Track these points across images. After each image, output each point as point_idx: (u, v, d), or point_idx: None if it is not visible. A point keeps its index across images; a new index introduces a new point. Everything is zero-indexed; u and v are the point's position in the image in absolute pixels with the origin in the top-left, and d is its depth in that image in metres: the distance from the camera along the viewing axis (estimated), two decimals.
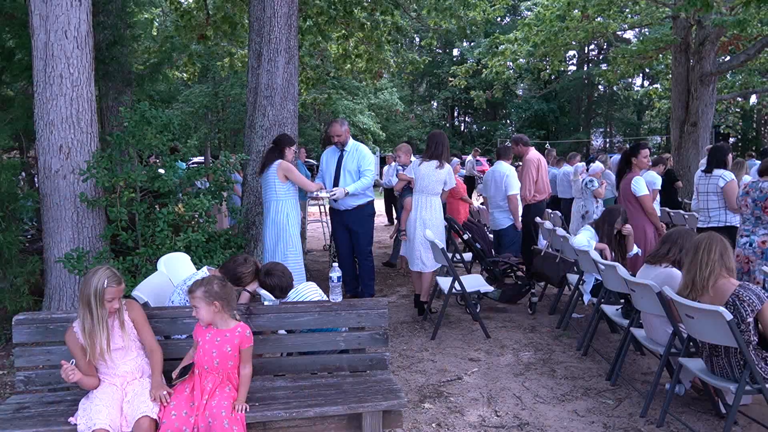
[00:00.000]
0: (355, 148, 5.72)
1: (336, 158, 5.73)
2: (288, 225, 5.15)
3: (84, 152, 4.73)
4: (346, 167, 5.65)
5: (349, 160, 5.66)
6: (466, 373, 4.24)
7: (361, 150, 5.72)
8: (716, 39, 11.72)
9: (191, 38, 11.51)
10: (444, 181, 5.54)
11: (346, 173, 5.66)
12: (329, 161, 5.80)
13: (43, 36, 4.55)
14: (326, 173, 5.78)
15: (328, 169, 5.77)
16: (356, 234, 5.74)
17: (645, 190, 5.47)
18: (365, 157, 5.67)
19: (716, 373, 3.15)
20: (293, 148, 5.33)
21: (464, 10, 10.84)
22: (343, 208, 5.70)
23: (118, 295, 2.69)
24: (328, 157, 5.84)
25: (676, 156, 11.96)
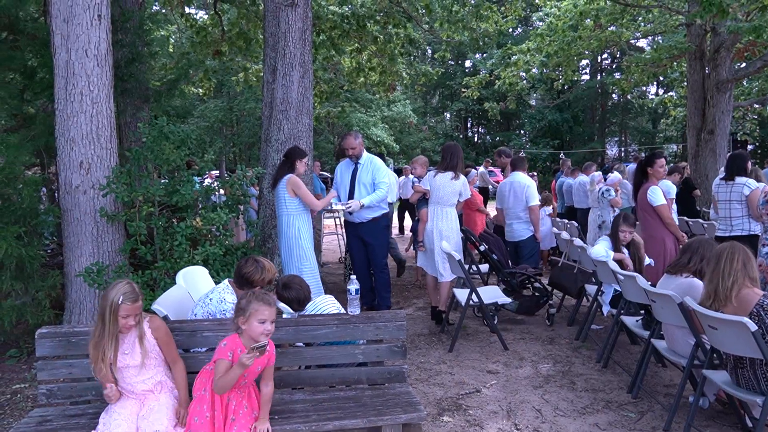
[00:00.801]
0: (369, 160, 5.71)
1: (350, 171, 5.70)
2: (300, 239, 5.14)
3: (104, 168, 4.80)
4: (360, 180, 5.63)
5: (364, 172, 5.64)
6: (485, 386, 4.21)
7: (375, 162, 5.70)
8: (731, 46, 11.63)
9: (207, 54, 11.69)
10: (459, 192, 5.54)
11: (361, 186, 5.64)
12: (343, 174, 5.77)
13: (65, 55, 4.65)
14: (341, 186, 5.76)
15: (343, 181, 5.75)
16: (371, 246, 5.71)
17: (662, 199, 5.40)
18: (379, 170, 5.65)
19: (742, 385, 3.09)
20: (305, 160, 5.29)
21: (476, 22, 10.89)
22: (358, 220, 5.67)
23: (133, 312, 2.64)
24: (342, 170, 5.81)
25: (693, 164, 11.85)
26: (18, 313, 4.63)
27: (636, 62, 14.33)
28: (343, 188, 5.74)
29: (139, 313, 2.70)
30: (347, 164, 5.79)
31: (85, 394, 2.89)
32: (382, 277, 5.79)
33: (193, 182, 5.01)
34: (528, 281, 5.89)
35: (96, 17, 4.70)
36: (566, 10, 13.26)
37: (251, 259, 3.40)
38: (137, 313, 2.67)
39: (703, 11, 6.25)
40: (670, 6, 12.65)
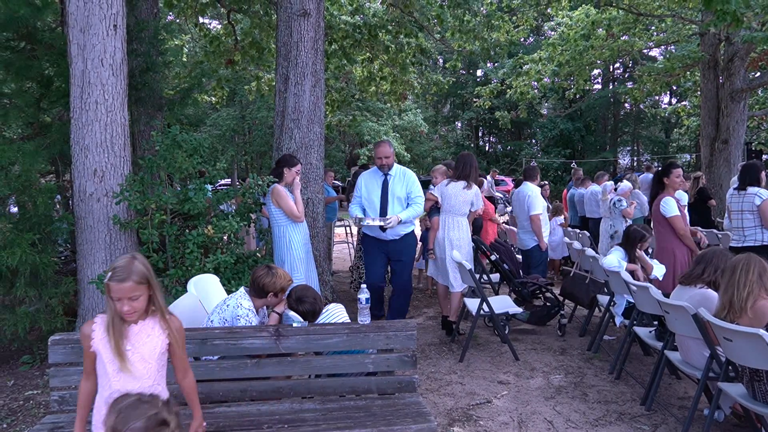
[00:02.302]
0: (402, 172, 5.28)
1: (379, 183, 5.22)
2: (292, 249, 5.04)
3: (117, 176, 4.84)
4: (394, 193, 5.19)
5: (397, 185, 5.20)
6: (496, 397, 4.17)
7: (409, 174, 5.27)
8: (746, 55, 11.56)
9: (220, 63, 11.81)
10: (471, 202, 5.52)
11: (395, 200, 5.19)
12: (370, 186, 5.27)
13: (81, 64, 4.71)
14: (369, 200, 5.25)
15: (371, 194, 5.23)
16: (401, 264, 5.34)
17: (675, 211, 5.32)
18: (415, 183, 5.24)
19: (758, 398, 3.03)
20: (294, 169, 5.12)
21: (488, 32, 10.91)
22: (389, 237, 5.22)
23: (124, 295, 2.18)
24: (367, 181, 5.30)
25: (707, 174, 11.75)
26: (31, 319, 4.67)
27: (649, 71, 14.28)
28: (372, 202, 5.22)
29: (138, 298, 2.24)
30: (373, 175, 5.30)
31: None
32: (406, 295, 5.44)
33: (206, 190, 5.03)
34: (539, 291, 5.85)
35: (112, 27, 4.76)
36: (578, 20, 13.27)
37: (264, 266, 3.44)
38: (131, 297, 2.21)
39: (717, 20, 6.20)
40: (684, 15, 12.60)
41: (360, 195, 5.32)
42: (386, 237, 5.22)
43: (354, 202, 5.38)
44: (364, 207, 5.28)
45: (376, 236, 5.28)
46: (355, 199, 5.36)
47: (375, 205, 5.21)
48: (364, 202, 5.28)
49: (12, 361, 4.88)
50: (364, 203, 5.27)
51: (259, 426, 2.75)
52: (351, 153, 28.77)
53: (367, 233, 5.40)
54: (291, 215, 5.03)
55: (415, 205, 5.21)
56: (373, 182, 5.27)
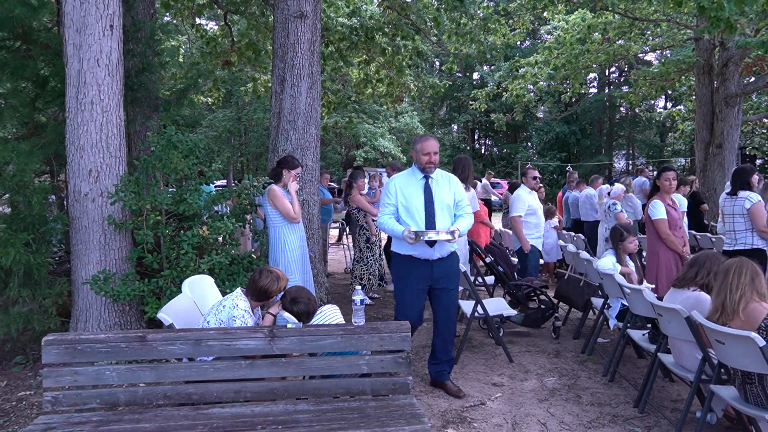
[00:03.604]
0: (445, 176, 4.27)
1: (420, 188, 4.11)
2: (286, 251, 5.02)
3: (112, 176, 4.84)
4: (441, 200, 4.10)
5: (443, 190, 4.13)
6: (490, 399, 4.18)
7: (453, 178, 4.29)
8: (740, 60, 11.63)
9: (216, 64, 11.81)
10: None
11: (444, 209, 4.10)
12: (409, 191, 4.11)
13: (77, 64, 4.70)
14: (409, 208, 4.07)
15: (412, 201, 4.07)
16: (447, 292, 4.20)
17: (660, 214, 5.37)
18: (460, 188, 4.30)
19: (750, 401, 3.05)
20: (294, 171, 5.10)
21: (484, 35, 10.95)
22: (436, 256, 4.08)
23: None
24: (403, 185, 4.14)
25: (701, 178, 11.81)
26: (25, 320, 4.66)
27: (644, 76, 14.36)
28: (412, 211, 4.06)
29: None
30: (410, 177, 4.19)
31: (90, 402, 2.90)
32: (451, 332, 4.31)
33: (201, 191, 5.03)
34: (534, 294, 5.87)
35: (108, 27, 4.76)
36: (574, 24, 13.33)
37: (264, 271, 3.46)
38: None
39: (711, 26, 6.25)
40: (679, 20, 12.68)
41: (394, 203, 4.12)
42: (432, 255, 4.07)
43: (385, 212, 4.15)
44: (400, 217, 4.10)
45: (418, 256, 4.07)
46: (386, 207, 4.15)
47: (417, 215, 4.04)
48: (401, 211, 4.09)
49: (5, 361, 4.86)
50: (401, 213, 4.09)
51: (253, 427, 2.75)
52: (347, 155, 28.79)
53: (400, 252, 4.17)
54: (287, 216, 5.02)
55: (467, 216, 4.20)
56: (412, 186, 4.11)
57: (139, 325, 4.96)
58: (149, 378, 2.94)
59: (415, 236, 3.90)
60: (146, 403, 2.95)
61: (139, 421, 2.82)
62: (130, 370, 2.93)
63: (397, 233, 4.04)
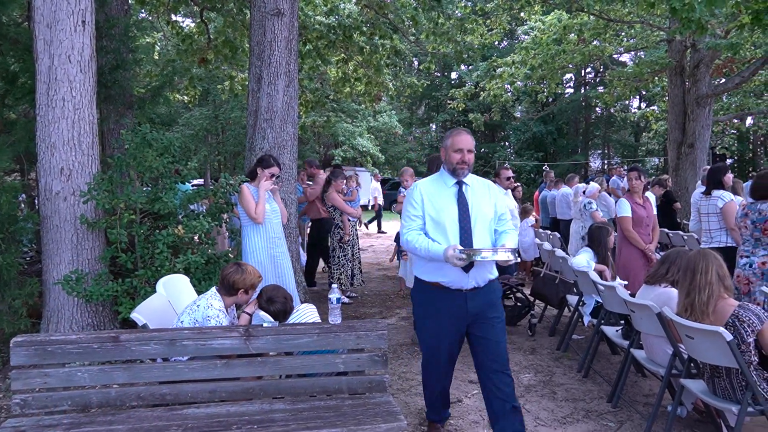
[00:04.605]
0: (483, 183, 3.40)
1: (452, 197, 3.24)
2: (255, 252, 4.84)
3: (85, 174, 4.75)
4: (480, 210, 3.23)
5: (481, 200, 3.26)
6: (466, 396, 4.21)
7: (492, 185, 3.43)
8: (711, 62, 11.89)
9: (192, 62, 11.67)
10: None
11: (483, 223, 3.22)
12: (438, 200, 3.24)
13: (47, 60, 4.61)
14: (439, 222, 3.19)
15: (442, 213, 3.19)
16: (491, 322, 3.24)
17: (625, 212, 5.55)
18: (501, 197, 3.48)
19: (718, 394, 3.13)
20: (268, 170, 4.90)
21: (462, 35, 11.01)
22: (471, 285, 3.16)
23: None
24: (430, 193, 3.28)
25: (673, 177, 12.04)
26: None
27: (619, 76, 14.59)
28: (443, 225, 3.17)
29: None
30: (438, 183, 3.32)
31: (61, 404, 2.85)
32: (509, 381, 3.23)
33: (176, 190, 4.97)
34: (510, 291, 5.92)
35: (80, 23, 4.68)
36: (551, 25, 13.49)
37: (234, 264, 3.44)
38: None
39: (683, 28, 6.39)
40: (652, 22, 12.91)
41: (420, 214, 3.25)
42: (465, 284, 3.15)
43: (411, 226, 3.26)
44: (427, 234, 3.22)
45: (447, 284, 3.16)
46: (411, 221, 3.27)
47: (450, 231, 3.16)
48: (429, 226, 3.22)
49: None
50: (429, 228, 3.22)
51: (228, 427, 2.73)
52: (325, 154, 28.70)
53: (424, 279, 3.27)
54: (249, 215, 4.83)
55: (512, 231, 3.32)
56: (442, 195, 3.25)
57: (113, 326, 4.89)
58: (122, 379, 2.90)
59: (466, 256, 2.95)
60: (119, 404, 2.91)
61: (111, 422, 2.78)
62: (103, 371, 2.89)
63: (434, 253, 3.06)
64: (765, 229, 4.70)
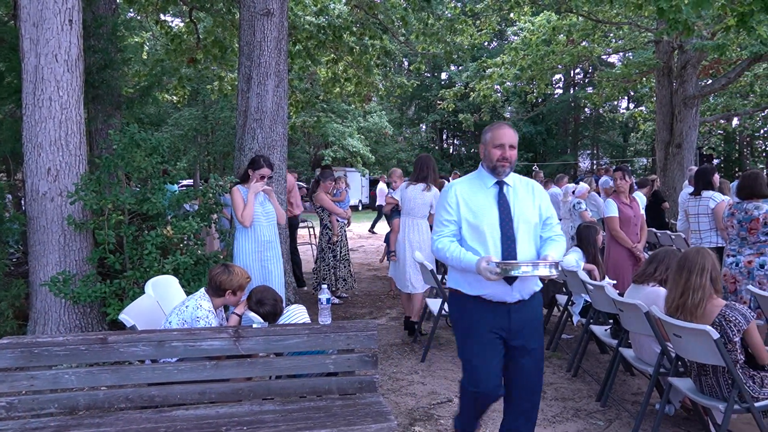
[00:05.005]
0: (526, 183, 3.01)
1: (492, 198, 2.89)
2: (242, 254, 4.69)
3: (72, 175, 4.72)
4: (522, 214, 2.88)
5: (524, 203, 2.91)
6: (457, 395, 4.21)
7: (537, 186, 3.04)
8: (697, 63, 12.01)
9: (181, 62, 11.60)
10: (430, 204, 5.55)
11: (528, 229, 2.89)
12: (477, 203, 2.88)
13: (34, 59, 4.57)
14: (476, 227, 2.84)
15: (481, 217, 2.84)
16: (529, 353, 2.90)
17: (611, 212, 5.57)
18: (547, 199, 3.05)
19: (705, 392, 3.16)
20: (258, 171, 4.72)
21: (451, 36, 11.03)
22: (515, 298, 2.84)
23: None
24: (467, 195, 2.91)
25: (661, 177, 12.14)
26: None
27: (607, 77, 14.69)
28: (487, 231, 2.82)
29: None
30: (476, 183, 2.96)
31: (48, 407, 2.82)
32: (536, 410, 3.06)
33: (165, 190, 4.94)
34: None
35: (67, 22, 4.64)
36: (540, 25, 13.55)
37: (221, 265, 3.43)
38: None
39: (670, 29, 6.45)
40: (640, 23, 13.02)
41: (455, 219, 2.90)
42: (509, 297, 2.84)
43: (443, 232, 2.91)
44: (464, 241, 2.88)
45: (488, 297, 2.84)
46: (444, 226, 2.92)
47: (490, 237, 2.81)
48: (465, 232, 2.87)
49: None
50: (466, 234, 2.87)
51: (218, 428, 2.71)
52: (315, 154, 28.66)
53: (462, 291, 2.92)
54: (236, 218, 4.71)
55: (559, 239, 2.97)
56: (480, 196, 2.90)
57: (101, 328, 4.85)
58: (110, 381, 2.88)
59: (500, 271, 2.61)
60: (107, 406, 2.89)
61: (99, 425, 2.75)
62: (91, 373, 2.86)
63: (466, 264, 2.75)
64: (751, 228, 4.75)
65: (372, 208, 24.41)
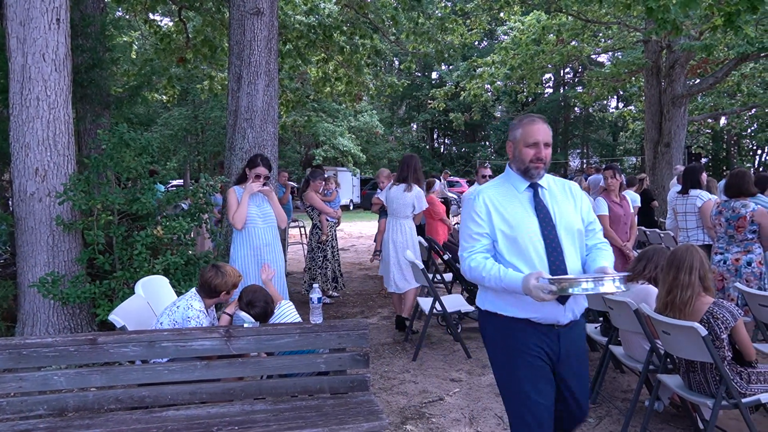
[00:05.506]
0: (562, 184, 2.62)
1: (527, 204, 2.46)
2: (240, 259, 4.53)
3: (61, 175, 4.68)
4: (567, 222, 2.46)
5: (564, 207, 2.50)
6: (448, 394, 4.23)
7: (574, 186, 2.64)
8: (685, 62, 12.11)
9: (171, 61, 11.54)
10: (412, 205, 5.56)
11: (572, 236, 2.47)
12: (511, 211, 2.45)
13: (21, 59, 4.53)
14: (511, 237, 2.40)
15: (520, 227, 2.41)
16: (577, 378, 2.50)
17: (601, 210, 5.60)
18: (587, 200, 2.67)
19: (693, 388, 3.19)
20: (254, 170, 4.55)
21: (442, 35, 11.05)
22: (568, 319, 2.43)
23: None
24: (497, 202, 2.47)
25: (650, 176, 12.24)
26: None
27: (597, 76, 14.78)
28: (528, 242, 2.38)
29: None
30: (506, 187, 2.53)
31: (37, 409, 2.80)
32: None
33: (155, 190, 4.92)
34: None
35: (54, 21, 4.60)
36: (530, 25, 13.61)
37: (212, 266, 3.41)
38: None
39: (658, 28, 6.50)
40: (628, 23, 13.10)
41: (488, 231, 2.45)
42: (561, 318, 2.41)
43: (474, 248, 2.45)
44: (499, 255, 2.43)
45: (537, 319, 2.40)
46: (475, 240, 2.46)
47: (532, 249, 2.38)
48: (501, 245, 2.42)
49: None
50: (502, 247, 2.42)
51: (209, 428, 2.71)
52: (306, 154, 28.60)
53: (501, 314, 2.46)
54: (229, 218, 4.55)
55: (606, 246, 2.56)
56: (513, 203, 2.47)
57: (91, 329, 4.82)
58: (100, 382, 2.86)
59: (556, 289, 2.16)
60: (97, 407, 2.87)
61: (89, 426, 2.74)
62: (80, 375, 2.84)
63: (510, 284, 2.30)
64: (738, 226, 4.80)
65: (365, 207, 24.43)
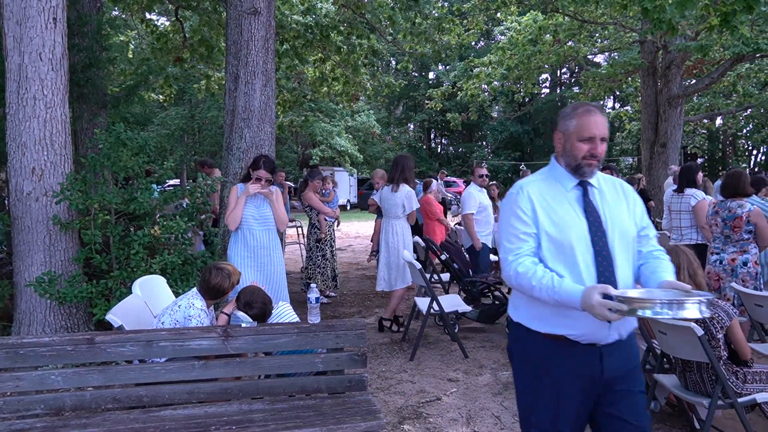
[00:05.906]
0: (613, 183, 2.26)
1: (576, 203, 2.14)
2: (231, 254, 4.49)
3: (57, 174, 4.67)
4: (619, 226, 2.13)
5: (616, 208, 2.17)
6: (445, 394, 4.24)
7: (626, 186, 2.29)
8: (681, 63, 12.16)
9: (168, 61, 11.52)
10: (402, 205, 5.56)
11: (625, 242, 2.13)
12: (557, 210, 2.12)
13: (17, 58, 4.52)
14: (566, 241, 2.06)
15: (567, 229, 2.08)
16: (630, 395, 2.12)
17: None
18: (640, 202, 2.28)
19: (690, 388, 3.20)
20: (255, 173, 4.43)
21: (439, 35, 11.06)
22: (613, 337, 2.07)
23: None
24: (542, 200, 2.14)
25: (647, 176, 12.28)
26: None
27: (593, 77, 14.82)
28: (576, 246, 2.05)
29: None
30: (552, 184, 2.20)
31: (34, 408, 2.79)
32: None
33: (152, 190, 4.92)
34: (488, 290, 5.97)
35: (51, 20, 4.59)
36: (526, 25, 13.65)
37: (214, 269, 3.41)
38: None
39: (654, 28, 6.52)
40: (625, 23, 13.14)
41: (534, 231, 2.12)
42: (604, 336, 2.06)
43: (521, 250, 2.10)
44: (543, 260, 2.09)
45: (577, 338, 2.06)
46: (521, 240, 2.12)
47: (580, 254, 2.05)
48: (545, 249, 2.10)
49: None
50: (546, 252, 2.09)
51: (206, 428, 2.71)
52: (303, 153, 28.59)
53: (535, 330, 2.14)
54: (225, 218, 4.47)
55: (664, 255, 2.21)
56: (560, 202, 2.15)
57: (87, 328, 4.81)
58: (97, 381, 2.86)
59: (627, 309, 1.79)
60: (94, 407, 2.87)
61: (86, 426, 2.73)
62: (77, 374, 2.84)
63: (565, 296, 1.95)
64: (734, 226, 4.82)
65: (362, 207, 24.43)
